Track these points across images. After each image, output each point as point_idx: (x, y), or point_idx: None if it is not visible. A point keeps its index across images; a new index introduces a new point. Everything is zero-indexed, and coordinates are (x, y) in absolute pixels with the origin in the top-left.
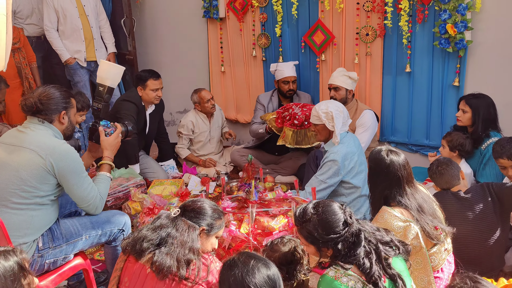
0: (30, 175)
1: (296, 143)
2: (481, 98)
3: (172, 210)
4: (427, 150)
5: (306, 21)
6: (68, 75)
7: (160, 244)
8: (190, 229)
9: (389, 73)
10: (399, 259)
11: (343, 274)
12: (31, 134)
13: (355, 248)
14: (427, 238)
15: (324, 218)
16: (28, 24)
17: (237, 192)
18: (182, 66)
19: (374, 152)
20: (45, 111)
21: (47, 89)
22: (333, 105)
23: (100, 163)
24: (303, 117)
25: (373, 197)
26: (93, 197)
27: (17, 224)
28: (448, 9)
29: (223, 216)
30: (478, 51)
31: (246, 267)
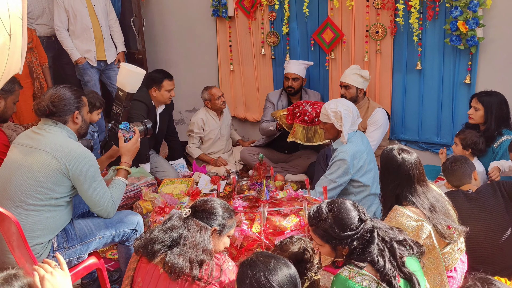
0: (45, 177)
1: (307, 140)
2: (494, 95)
3: (183, 211)
4: (438, 148)
5: (315, 19)
6: (78, 75)
7: (172, 245)
8: (202, 229)
9: (399, 70)
10: (413, 258)
11: (357, 274)
12: (47, 136)
13: (369, 246)
14: (440, 237)
15: (340, 216)
16: (39, 24)
17: (247, 191)
18: (191, 65)
19: (386, 151)
20: (58, 113)
21: (58, 90)
22: (342, 104)
23: (117, 167)
24: (313, 114)
25: (384, 196)
26: (106, 202)
27: (32, 225)
28: (459, 6)
29: (234, 215)
30: (490, 48)
31: (268, 267)
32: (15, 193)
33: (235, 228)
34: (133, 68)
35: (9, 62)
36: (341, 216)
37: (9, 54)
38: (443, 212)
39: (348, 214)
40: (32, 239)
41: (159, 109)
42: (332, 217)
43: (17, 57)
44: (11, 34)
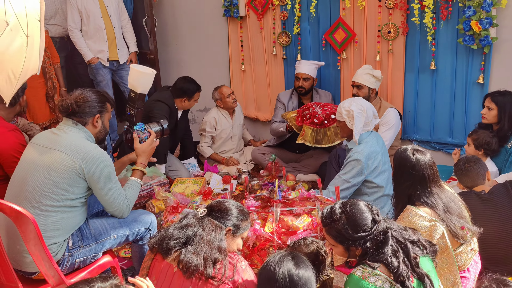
0: (62, 178)
1: (316, 142)
2: (508, 95)
3: (199, 210)
4: (450, 148)
5: (327, 19)
6: (91, 75)
7: (186, 243)
8: (217, 229)
9: (411, 70)
10: (426, 258)
11: (371, 274)
12: (64, 137)
13: (383, 247)
14: (454, 238)
15: (353, 217)
16: (52, 24)
17: (259, 191)
18: (202, 65)
19: (400, 151)
20: (80, 113)
21: (84, 92)
22: (357, 103)
23: (133, 168)
24: (323, 116)
25: (396, 196)
26: (120, 203)
27: (48, 225)
28: (472, 5)
29: (249, 217)
30: (503, 48)
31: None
32: (31, 193)
33: None
34: (143, 69)
35: (26, 63)
36: (355, 217)
37: (26, 55)
38: (457, 213)
39: (361, 215)
40: (48, 239)
41: (179, 112)
42: (346, 218)
43: (35, 59)
44: (29, 36)
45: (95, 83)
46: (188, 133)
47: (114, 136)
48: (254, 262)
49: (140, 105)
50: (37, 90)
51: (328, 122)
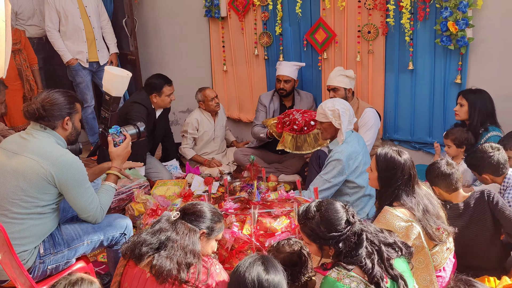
0: (30, 185)
1: (296, 149)
2: (478, 92)
3: (171, 213)
4: (430, 148)
5: (308, 19)
6: (70, 76)
7: (159, 248)
8: (191, 232)
9: (391, 70)
10: (401, 259)
11: (346, 276)
12: (33, 142)
13: (357, 249)
14: (429, 239)
15: (327, 216)
16: (30, 25)
17: (239, 193)
18: (184, 66)
19: (384, 153)
20: (48, 118)
21: (51, 94)
22: (339, 102)
23: (107, 172)
24: (302, 123)
25: (384, 197)
26: (94, 208)
27: (17, 233)
28: (449, 6)
29: (223, 219)
30: (480, 48)
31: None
32: None
33: (226, 230)
34: (117, 71)
35: None
36: (328, 216)
37: None
38: (435, 213)
39: (335, 215)
40: (17, 246)
41: (158, 112)
42: (319, 217)
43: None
44: None
45: (74, 84)
46: (169, 134)
47: (95, 138)
48: (233, 265)
49: (115, 108)
50: (14, 92)
51: (307, 129)
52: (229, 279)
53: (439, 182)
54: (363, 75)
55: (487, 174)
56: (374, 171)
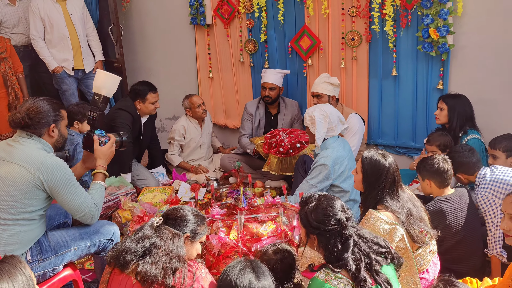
0: (19, 191)
1: (281, 170)
2: (458, 97)
3: (154, 219)
4: (414, 152)
5: (292, 26)
6: (56, 84)
7: (144, 255)
8: (175, 237)
9: (375, 76)
10: (390, 266)
11: (333, 277)
12: (20, 149)
13: (342, 252)
14: (412, 241)
15: (321, 207)
16: (15, 33)
17: (226, 199)
18: (170, 73)
19: (369, 156)
20: (33, 126)
21: (36, 102)
22: (320, 109)
23: (94, 172)
24: (288, 145)
25: (368, 200)
26: (88, 206)
27: (4, 239)
28: (430, 14)
29: (206, 221)
30: (461, 55)
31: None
32: None
33: (213, 236)
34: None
35: None
36: (323, 208)
37: None
38: (418, 216)
39: (329, 209)
40: (4, 253)
41: (143, 119)
42: (315, 205)
43: None
44: None
45: (60, 92)
46: (155, 141)
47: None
48: (220, 270)
49: (103, 108)
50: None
51: (293, 151)
52: (216, 284)
53: (434, 176)
54: (347, 81)
55: (461, 174)
56: (359, 174)
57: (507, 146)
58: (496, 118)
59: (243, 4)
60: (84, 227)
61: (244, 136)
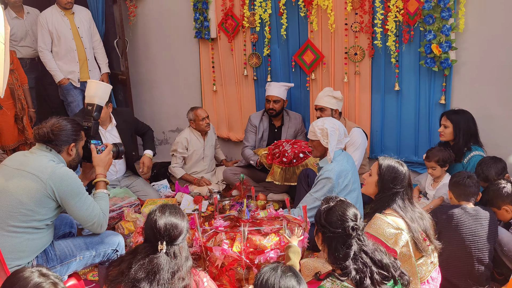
0: (29, 199)
1: (285, 180)
2: (461, 113)
3: (159, 248)
4: (416, 167)
5: (296, 41)
6: (62, 96)
7: None
8: (185, 251)
9: (377, 91)
10: (397, 286)
11: (339, 286)
12: (33, 158)
13: (343, 259)
14: (416, 249)
15: (334, 209)
16: (22, 46)
17: (229, 211)
18: (174, 86)
19: (387, 161)
20: (55, 141)
21: (60, 120)
22: (329, 122)
23: (95, 181)
24: (292, 155)
25: (381, 201)
26: (97, 215)
27: (12, 246)
28: (432, 29)
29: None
30: (463, 70)
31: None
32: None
33: (216, 248)
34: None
35: None
36: (335, 210)
37: None
38: (424, 227)
39: (341, 215)
40: (11, 260)
41: (109, 127)
42: (331, 206)
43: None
44: None
45: (65, 104)
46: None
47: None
48: (223, 282)
49: (97, 116)
50: (5, 112)
51: (296, 161)
52: None
53: (452, 188)
54: (350, 96)
55: (507, 205)
56: (374, 175)
57: (497, 171)
58: (498, 133)
59: (247, 18)
60: (89, 237)
61: (247, 148)
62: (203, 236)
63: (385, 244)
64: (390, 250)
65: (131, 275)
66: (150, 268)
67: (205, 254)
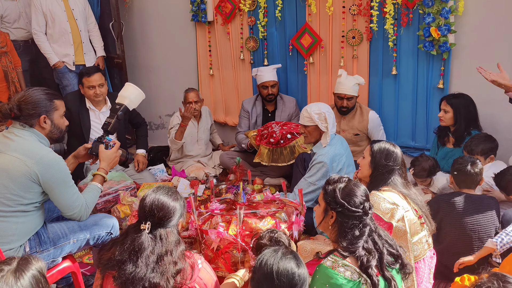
0: (14, 183)
1: (272, 161)
2: (461, 97)
3: (142, 227)
4: (413, 152)
5: (293, 24)
6: (57, 79)
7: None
8: (171, 235)
9: (375, 75)
10: (398, 274)
11: (340, 264)
12: (17, 141)
13: (356, 238)
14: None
15: (350, 187)
16: (16, 28)
17: (225, 194)
18: (171, 69)
19: (378, 142)
20: (23, 117)
21: (28, 92)
22: (323, 105)
23: (94, 173)
24: (279, 136)
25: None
26: (78, 206)
27: (2, 231)
28: (431, 12)
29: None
30: (462, 54)
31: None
32: None
33: (212, 230)
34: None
35: None
36: (351, 189)
37: None
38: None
39: (356, 192)
40: (2, 245)
41: (103, 108)
42: (345, 184)
43: None
44: None
45: (61, 87)
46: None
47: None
48: (219, 265)
49: (120, 116)
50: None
51: (284, 142)
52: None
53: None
54: None
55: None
56: (367, 157)
57: (484, 149)
58: (497, 118)
59: (244, 1)
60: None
61: (240, 133)
62: (198, 219)
63: (381, 218)
64: (386, 224)
65: (116, 256)
66: (132, 248)
67: (200, 237)
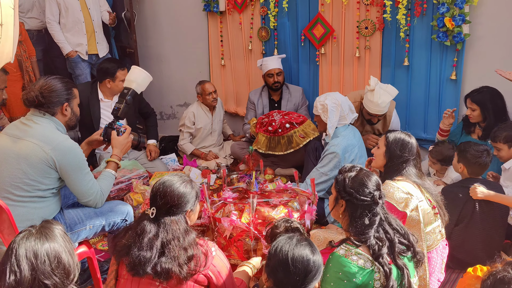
0: (32, 169)
1: (269, 149)
2: (485, 91)
3: (147, 212)
4: (425, 143)
5: (306, 14)
6: (70, 68)
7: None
8: (179, 224)
9: (387, 66)
10: (410, 262)
11: (354, 253)
12: (35, 127)
13: (367, 227)
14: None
15: (361, 176)
16: (29, 18)
17: (237, 184)
18: (182, 59)
19: (393, 132)
20: (47, 104)
21: (49, 81)
22: (331, 97)
23: (107, 160)
24: (278, 125)
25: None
26: (94, 192)
27: (20, 215)
28: (446, 2)
29: (196, 185)
30: (476, 45)
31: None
32: (2, 184)
33: (225, 218)
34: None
35: (0, 51)
36: (362, 178)
37: (0, 43)
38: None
39: (367, 182)
40: (20, 229)
41: (114, 98)
42: (356, 173)
43: (9, 46)
44: (3, 24)
45: (73, 76)
46: (151, 115)
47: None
48: (231, 253)
49: (129, 100)
50: (14, 83)
51: (282, 131)
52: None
53: (471, 166)
54: (359, 71)
55: None
56: (382, 147)
57: (507, 136)
58: None
59: None
60: None
61: (247, 124)
62: (211, 207)
63: (395, 207)
64: (400, 213)
65: (126, 242)
66: (136, 232)
67: (213, 225)
